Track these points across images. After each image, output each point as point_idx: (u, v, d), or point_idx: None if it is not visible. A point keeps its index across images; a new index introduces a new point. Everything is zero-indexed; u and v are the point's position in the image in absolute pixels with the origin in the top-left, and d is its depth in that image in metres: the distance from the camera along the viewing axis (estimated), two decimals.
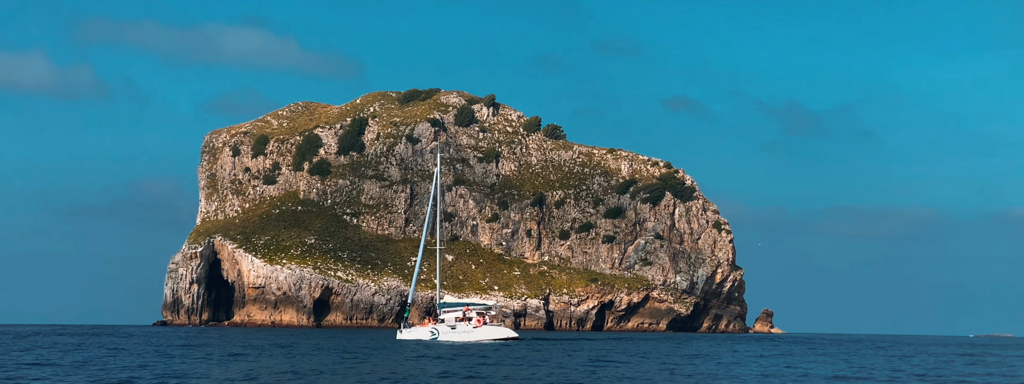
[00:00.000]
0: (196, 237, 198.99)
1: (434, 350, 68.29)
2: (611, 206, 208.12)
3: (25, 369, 45.80)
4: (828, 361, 64.49)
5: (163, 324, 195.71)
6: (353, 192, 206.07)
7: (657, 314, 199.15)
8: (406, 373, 46.17)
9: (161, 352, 66.85)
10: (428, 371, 47.51)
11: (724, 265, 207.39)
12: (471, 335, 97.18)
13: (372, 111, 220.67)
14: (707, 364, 50.78)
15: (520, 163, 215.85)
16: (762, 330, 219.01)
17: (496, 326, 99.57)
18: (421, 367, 50.79)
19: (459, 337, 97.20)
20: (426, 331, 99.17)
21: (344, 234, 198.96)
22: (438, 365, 52.81)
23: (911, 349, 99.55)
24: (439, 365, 52.78)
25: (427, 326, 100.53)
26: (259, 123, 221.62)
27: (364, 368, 48.11)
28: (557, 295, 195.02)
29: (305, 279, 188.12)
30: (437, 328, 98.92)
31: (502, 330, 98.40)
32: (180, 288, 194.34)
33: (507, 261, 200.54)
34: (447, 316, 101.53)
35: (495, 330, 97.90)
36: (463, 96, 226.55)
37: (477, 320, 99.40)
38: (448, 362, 55.47)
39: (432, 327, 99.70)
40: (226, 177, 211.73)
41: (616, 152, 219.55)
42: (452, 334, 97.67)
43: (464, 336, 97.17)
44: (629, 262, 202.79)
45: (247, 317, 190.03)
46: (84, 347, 73.29)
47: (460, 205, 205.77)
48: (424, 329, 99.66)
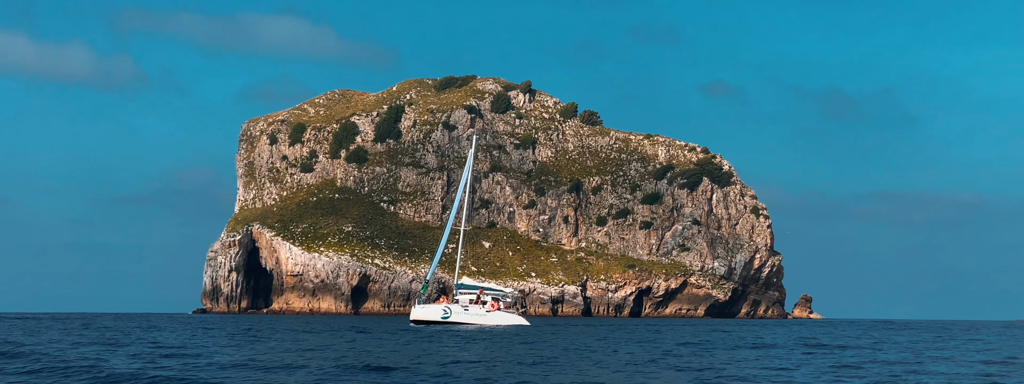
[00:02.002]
0: (234, 225, 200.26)
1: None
2: (648, 192, 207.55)
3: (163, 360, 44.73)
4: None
5: (203, 312, 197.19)
6: (390, 179, 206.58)
7: (695, 300, 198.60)
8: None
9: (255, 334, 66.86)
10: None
11: (762, 250, 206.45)
12: (483, 318, 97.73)
13: (408, 98, 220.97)
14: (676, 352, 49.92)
15: (557, 149, 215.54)
16: (801, 315, 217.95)
17: (508, 313, 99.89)
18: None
19: (470, 319, 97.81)
20: (439, 309, 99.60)
21: (381, 221, 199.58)
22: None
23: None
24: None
25: (441, 304, 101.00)
26: (296, 111, 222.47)
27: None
28: (594, 281, 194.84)
29: (343, 267, 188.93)
30: (450, 307, 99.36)
31: (514, 317, 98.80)
32: (219, 276, 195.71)
33: (544, 248, 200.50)
34: (462, 297, 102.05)
35: (507, 316, 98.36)
36: (499, 83, 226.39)
37: (491, 305, 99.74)
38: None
39: (445, 306, 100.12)
40: (264, 165, 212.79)
41: (653, 138, 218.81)
42: (464, 315, 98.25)
43: (476, 319, 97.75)
44: (667, 248, 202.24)
45: (285, 305, 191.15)
46: (174, 330, 73.03)
47: (497, 192, 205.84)
48: (437, 307, 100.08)
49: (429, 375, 31.00)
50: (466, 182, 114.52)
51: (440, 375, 30.96)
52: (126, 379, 26.97)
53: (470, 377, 29.85)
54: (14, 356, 40.23)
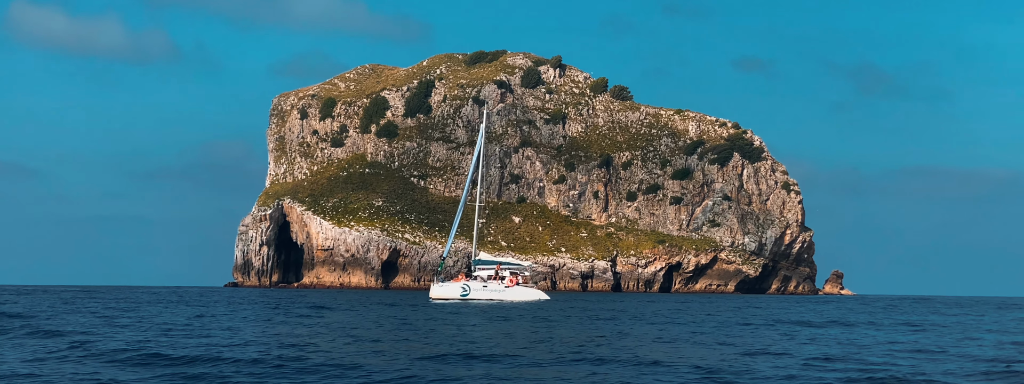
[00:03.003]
0: (265, 199, 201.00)
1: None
2: (678, 167, 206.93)
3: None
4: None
5: (234, 285, 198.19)
6: (420, 154, 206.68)
7: (725, 276, 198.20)
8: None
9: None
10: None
11: (793, 226, 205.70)
12: (502, 294, 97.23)
13: (439, 73, 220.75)
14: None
15: (587, 124, 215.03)
16: (832, 292, 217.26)
17: (528, 287, 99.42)
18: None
19: (490, 295, 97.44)
20: (458, 287, 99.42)
21: (412, 196, 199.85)
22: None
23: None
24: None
25: (459, 282, 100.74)
26: (326, 86, 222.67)
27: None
28: (624, 257, 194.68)
29: (373, 241, 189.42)
30: (469, 285, 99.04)
31: (533, 292, 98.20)
32: (250, 250, 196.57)
33: (574, 223, 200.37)
34: (480, 273, 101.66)
35: (526, 291, 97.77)
36: (529, 58, 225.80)
37: (510, 280, 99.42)
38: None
39: (464, 283, 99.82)
40: (294, 140, 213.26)
41: (684, 113, 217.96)
42: (483, 292, 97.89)
43: (495, 295, 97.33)
44: (697, 223, 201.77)
45: (316, 279, 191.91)
46: (233, 304, 73.15)
47: (527, 167, 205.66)
48: (456, 285, 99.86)
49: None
50: (478, 158, 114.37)
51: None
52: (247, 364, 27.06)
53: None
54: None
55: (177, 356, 28.70)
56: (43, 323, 44.52)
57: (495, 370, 26.00)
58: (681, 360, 29.25)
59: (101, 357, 29.01)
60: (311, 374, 24.85)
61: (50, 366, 26.67)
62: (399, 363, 27.35)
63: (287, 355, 29.07)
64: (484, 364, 27.46)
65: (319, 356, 28.64)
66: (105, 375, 24.82)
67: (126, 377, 24.55)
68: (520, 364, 27.58)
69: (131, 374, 25.22)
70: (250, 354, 29.35)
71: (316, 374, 24.99)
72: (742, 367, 27.52)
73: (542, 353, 30.68)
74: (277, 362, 27.14)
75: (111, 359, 28.44)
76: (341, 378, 24.12)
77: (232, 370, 25.68)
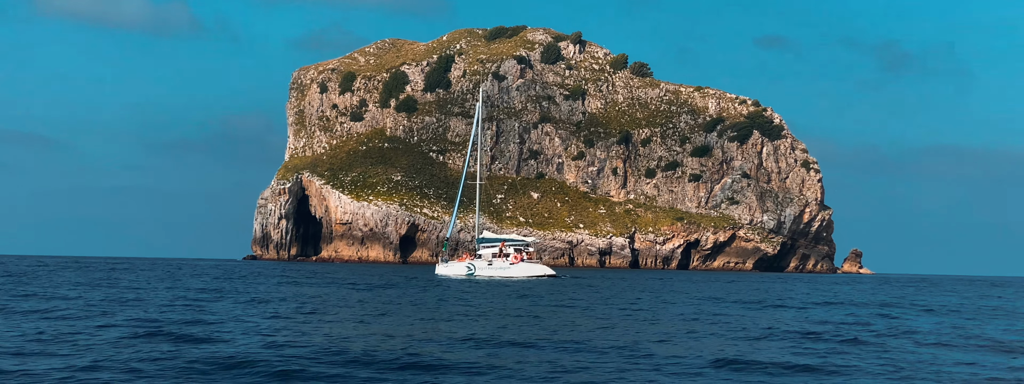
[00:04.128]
0: (284, 173, 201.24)
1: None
2: (698, 144, 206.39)
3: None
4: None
5: (253, 258, 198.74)
6: (439, 129, 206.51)
7: (743, 253, 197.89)
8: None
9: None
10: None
11: (812, 204, 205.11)
12: (507, 271, 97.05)
13: (458, 48, 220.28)
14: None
15: (606, 101, 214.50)
16: (850, 270, 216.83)
17: (533, 263, 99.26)
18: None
19: (495, 273, 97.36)
20: (463, 266, 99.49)
21: (430, 171, 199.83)
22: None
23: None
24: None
25: (464, 261, 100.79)
26: (346, 60, 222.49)
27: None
28: (643, 233, 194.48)
29: (392, 215, 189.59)
30: (474, 263, 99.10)
31: (539, 267, 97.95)
32: (269, 223, 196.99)
33: (593, 199, 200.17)
34: (485, 251, 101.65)
35: (532, 267, 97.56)
36: (550, 33, 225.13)
37: (514, 257, 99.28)
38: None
39: (469, 262, 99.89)
40: (314, 114, 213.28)
41: (703, 90, 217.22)
42: (488, 270, 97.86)
43: (500, 272, 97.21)
44: (716, 201, 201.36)
45: (334, 253, 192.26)
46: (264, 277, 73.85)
47: (545, 143, 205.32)
48: (461, 264, 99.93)
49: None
50: (476, 135, 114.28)
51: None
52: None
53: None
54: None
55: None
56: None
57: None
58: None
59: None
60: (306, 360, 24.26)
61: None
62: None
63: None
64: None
65: (321, 340, 28.12)
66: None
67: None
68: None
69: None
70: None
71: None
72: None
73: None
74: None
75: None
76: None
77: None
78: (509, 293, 56.73)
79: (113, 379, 19.98)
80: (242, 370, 21.24)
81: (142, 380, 19.94)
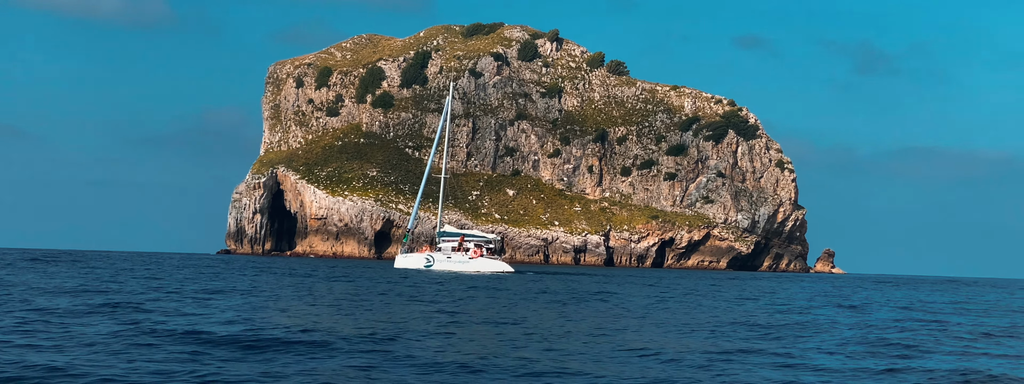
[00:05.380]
0: (260, 168, 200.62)
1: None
2: (673, 143, 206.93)
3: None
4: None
5: (226, 253, 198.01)
6: (415, 125, 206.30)
7: (718, 252, 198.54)
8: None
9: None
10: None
11: (786, 204, 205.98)
12: (465, 266, 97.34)
13: (436, 44, 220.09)
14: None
15: (583, 99, 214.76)
16: (823, 270, 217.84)
17: (492, 259, 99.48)
18: None
19: (453, 267, 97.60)
20: (422, 258, 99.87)
21: (406, 167, 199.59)
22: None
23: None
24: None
25: (424, 253, 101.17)
26: (323, 55, 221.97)
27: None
28: (617, 231, 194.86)
29: (367, 211, 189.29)
30: (433, 256, 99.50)
31: (498, 264, 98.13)
32: (243, 218, 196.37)
33: (568, 196, 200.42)
34: (445, 245, 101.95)
35: (490, 263, 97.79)
36: (527, 31, 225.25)
37: (474, 251, 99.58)
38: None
39: (428, 254, 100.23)
40: (290, 108, 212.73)
41: (679, 89, 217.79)
42: (447, 263, 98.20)
43: (458, 266, 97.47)
44: (690, 199, 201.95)
45: (309, 248, 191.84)
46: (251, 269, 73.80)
47: (522, 140, 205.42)
48: (420, 256, 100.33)
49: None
50: (443, 129, 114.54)
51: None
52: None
53: None
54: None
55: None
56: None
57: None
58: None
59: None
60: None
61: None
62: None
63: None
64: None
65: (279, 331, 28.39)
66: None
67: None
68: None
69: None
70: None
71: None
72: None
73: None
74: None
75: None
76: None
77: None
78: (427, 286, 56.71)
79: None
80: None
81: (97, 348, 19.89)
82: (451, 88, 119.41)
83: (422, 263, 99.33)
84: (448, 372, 19.59)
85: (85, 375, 17.69)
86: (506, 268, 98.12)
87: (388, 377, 18.64)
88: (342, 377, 18.42)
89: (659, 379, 19.39)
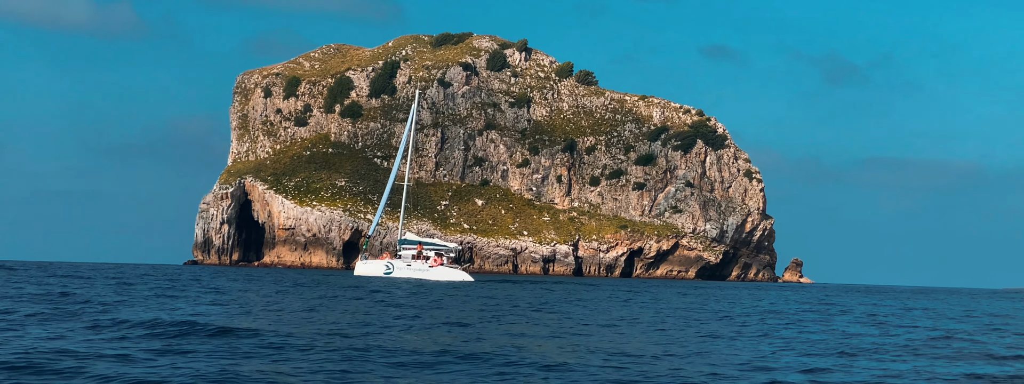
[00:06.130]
0: (227, 178, 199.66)
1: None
2: (642, 153, 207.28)
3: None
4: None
5: (193, 263, 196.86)
6: (384, 135, 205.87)
7: (686, 262, 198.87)
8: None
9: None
10: None
11: (755, 214, 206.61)
12: (425, 274, 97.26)
13: (404, 54, 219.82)
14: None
15: (551, 109, 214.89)
16: (791, 279, 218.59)
17: (452, 268, 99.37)
18: None
19: (412, 274, 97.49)
20: (382, 265, 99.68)
21: (375, 177, 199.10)
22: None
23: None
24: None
25: (383, 260, 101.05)
26: (291, 65, 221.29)
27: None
28: (586, 241, 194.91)
29: (335, 221, 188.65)
30: (392, 263, 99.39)
31: (457, 273, 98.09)
32: (211, 228, 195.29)
33: (537, 206, 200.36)
34: (405, 253, 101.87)
35: (450, 272, 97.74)
36: (496, 40, 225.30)
37: (434, 260, 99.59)
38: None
39: (388, 262, 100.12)
40: (258, 118, 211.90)
41: (648, 99, 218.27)
42: (406, 271, 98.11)
43: (418, 274, 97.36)
44: (659, 209, 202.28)
45: (277, 258, 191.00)
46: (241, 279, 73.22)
47: (491, 150, 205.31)
48: (380, 263, 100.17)
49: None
50: (409, 136, 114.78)
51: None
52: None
53: None
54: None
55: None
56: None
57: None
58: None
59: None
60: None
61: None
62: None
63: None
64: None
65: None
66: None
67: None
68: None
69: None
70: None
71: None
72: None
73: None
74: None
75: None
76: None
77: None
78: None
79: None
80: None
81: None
82: (417, 96, 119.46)
83: (382, 270, 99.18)
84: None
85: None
86: (466, 277, 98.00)
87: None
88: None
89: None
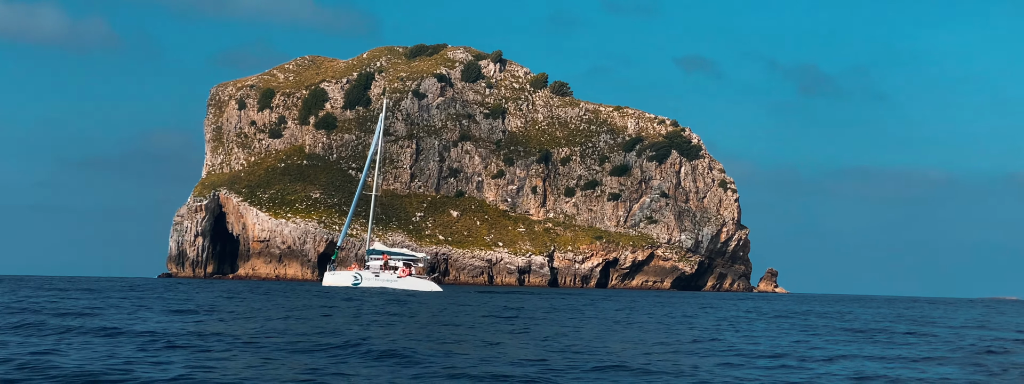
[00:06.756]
0: (201, 190, 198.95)
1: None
2: (617, 164, 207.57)
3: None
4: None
5: (168, 276, 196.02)
6: (359, 147, 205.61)
7: (662, 272, 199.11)
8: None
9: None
10: None
11: (730, 224, 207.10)
12: (393, 284, 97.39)
13: (379, 66, 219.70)
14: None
15: (526, 120, 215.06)
16: (766, 289, 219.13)
17: (420, 279, 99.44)
18: None
19: (380, 284, 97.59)
20: (350, 276, 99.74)
21: (349, 188, 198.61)
22: None
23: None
24: None
25: (352, 271, 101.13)
26: (265, 77, 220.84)
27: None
28: (562, 252, 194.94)
29: (310, 233, 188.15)
30: (361, 274, 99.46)
31: (425, 283, 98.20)
32: (185, 241, 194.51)
33: (512, 217, 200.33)
34: (373, 263, 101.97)
35: (418, 282, 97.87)
36: (470, 52, 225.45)
37: (402, 270, 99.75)
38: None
39: (356, 272, 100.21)
40: (232, 130, 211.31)
41: (623, 110, 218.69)
42: (375, 281, 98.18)
43: (386, 284, 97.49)
44: (634, 220, 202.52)
45: (252, 270, 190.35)
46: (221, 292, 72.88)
47: (466, 161, 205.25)
48: (348, 273, 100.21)
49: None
50: (376, 146, 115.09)
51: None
52: None
53: None
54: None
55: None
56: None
57: None
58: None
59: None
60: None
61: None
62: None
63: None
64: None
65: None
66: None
67: None
68: None
69: None
70: None
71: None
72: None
73: None
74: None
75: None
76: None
77: None
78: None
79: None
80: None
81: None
82: (384, 105, 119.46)
83: (350, 281, 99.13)
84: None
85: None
86: (434, 287, 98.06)
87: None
88: None
89: None
